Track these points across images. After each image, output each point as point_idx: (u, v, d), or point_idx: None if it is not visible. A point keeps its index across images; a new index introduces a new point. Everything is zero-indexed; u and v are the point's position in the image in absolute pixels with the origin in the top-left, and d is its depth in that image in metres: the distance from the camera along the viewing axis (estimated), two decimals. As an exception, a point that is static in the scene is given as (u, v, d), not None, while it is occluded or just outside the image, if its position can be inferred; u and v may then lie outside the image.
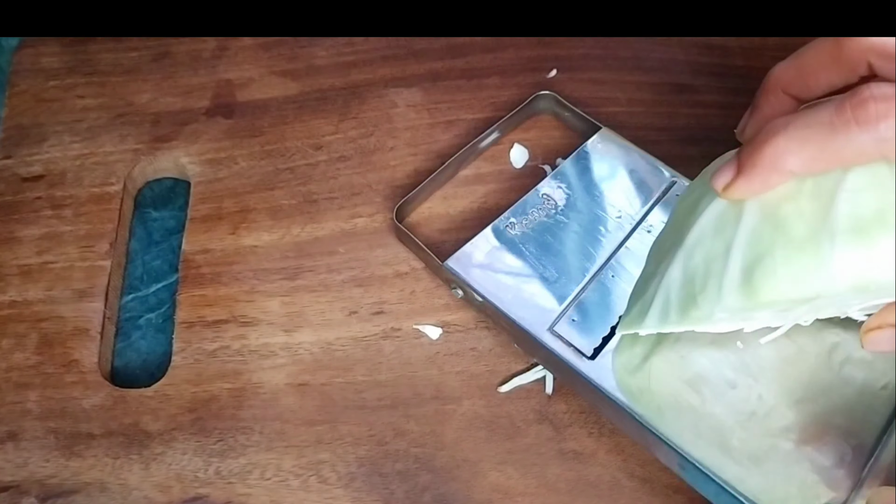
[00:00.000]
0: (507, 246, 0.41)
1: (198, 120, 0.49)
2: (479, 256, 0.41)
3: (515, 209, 0.43)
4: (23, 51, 0.52)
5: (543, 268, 0.41)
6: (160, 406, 0.40)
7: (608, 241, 0.41)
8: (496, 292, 0.40)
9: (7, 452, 0.39)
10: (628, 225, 0.42)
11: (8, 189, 0.47)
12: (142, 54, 0.52)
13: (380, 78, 0.51)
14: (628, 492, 0.38)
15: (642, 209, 0.42)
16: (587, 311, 0.39)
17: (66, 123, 0.49)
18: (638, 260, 0.39)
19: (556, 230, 0.42)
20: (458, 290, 0.41)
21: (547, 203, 0.43)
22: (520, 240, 0.42)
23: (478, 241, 0.41)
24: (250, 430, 0.39)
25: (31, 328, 0.42)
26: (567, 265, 0.41)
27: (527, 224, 0.42)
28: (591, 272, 0.40)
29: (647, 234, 0.41)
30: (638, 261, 0.39)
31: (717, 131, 0.48)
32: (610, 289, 0.39)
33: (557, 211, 0.43)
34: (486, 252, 0.41)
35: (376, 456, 0.39)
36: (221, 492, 0.38)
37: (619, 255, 0.41)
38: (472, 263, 0.41)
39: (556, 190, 0.43)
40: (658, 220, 0.42)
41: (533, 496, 0.38)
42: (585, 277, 0.40)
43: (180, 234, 0.45)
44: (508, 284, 0.40)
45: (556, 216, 0.42)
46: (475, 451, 0.39)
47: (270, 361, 0.41)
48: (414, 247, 0.43)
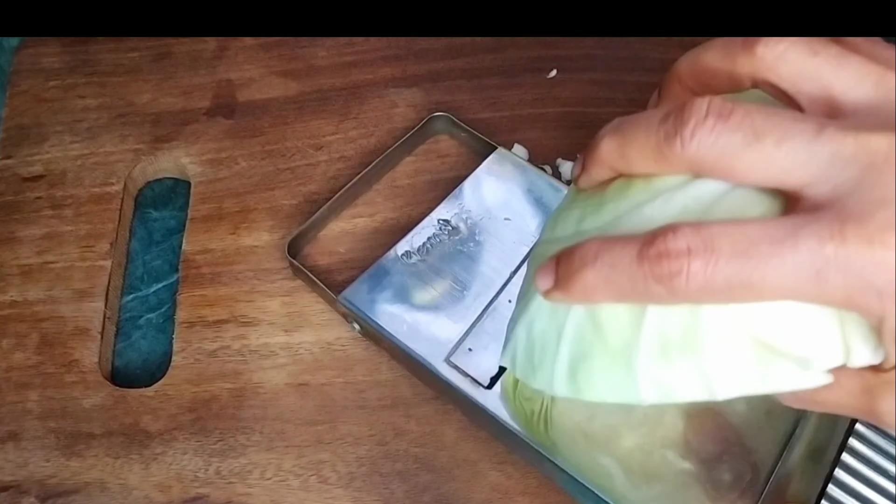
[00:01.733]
0: (404, 275, 0.40)
1: (198, 120, 0.49)
2: (374, 289, 0.39)
3: (412, 236, 0.41)
4: (23, 51, 0.52)
5: (441, 296, 0.39)
6: (160, 406, 0.40)
7: (505, 266, 0.40)
8: (392, 325, 0.38)
9: (7, 452, 0.39)
10: (525, 247, 0.40)
11: (8, 189, 0.47)
12: (142, 54, 0.52)
13: (380, 78, 0.51)
14: (628, 492, 0.38)
15: (539, 230, 0.41)
16: (484, 339, 0.38)
17: (67, 123, 0.49)
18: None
19: (454, 256, 0.41)
20: (355, 324, 0.40)
21: (443, 229, 0.41)
22: (416, 268, 0.40)
23: (373, 271, 0.40)
24: (250, 430, 0.39)
25: (31, 328, 0.42)
26: (465, 292, 0.39)
27: (424, 251, 0.41)
28: (488, 298, 0.39)
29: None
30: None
31: (718, 131, 0.48)
32: (507, 315, 0.38)
33: (454, 236, 0.41)
34: (381, 284, 0.40)
35: (376, 456, 0.39)
36: (221, 492, 0.38)
37: (516, 279, 0.39)
38: (367, 295, 0.39)
39: (453, 215, 0.42)
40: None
41: (533, 496, 0.38)
42: (483, 304, 0.39)
43: (181, 234, 0.46)
44: (404, 317, 0.39)
45: (454, 241, 0.41)
46: (475, 451, 0.39)
47: (271, 361, 0.41)
48: (307, 281, 0.42)
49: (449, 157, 0.47)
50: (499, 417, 0.36)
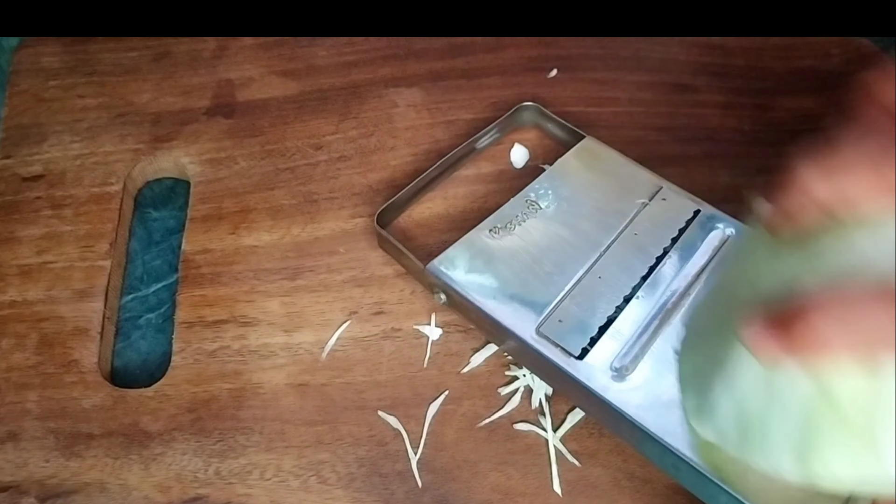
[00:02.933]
0: (493, 249, 0.41)
1: (198, 120, 0.49)
2: (463, 260, 0.40)
3: (501, 213, 0.42)
4: (23, 51, 0.52)
5: (528, 271, 0.40)
6: (160, 406, 0.40)
7: (594, 245, 0.41)
8: (480, 296, 0.39)
9: (7, 452, 0.39)
10: (613, 230, 0.41)
11: (8, 189, 0.47)
12: (142, 54, 0.52)
13: (380, 78, 0.50)
14: (628, 492, 0.38)
15: (628, 214, 0.42)
16: (574, 312, 0.38)
17: (66, 123, 0.49)
18: (623, 265, 0.40)
19: (542, 234, 0.42)
20: (441, 294, 0.40)
21: (532, 208, 0.43)
22: (505, 243, 0.41)
23: (462, 244, 0.41)
24: (250, 431, 0.39)
25: (31, 328, 0.42)
26: (552, 268, 0.40)
27: (512, 228, 0.42)
28: (577, 275, 0.40)
29: (634, 236, 0.41)
30: (623, 266, 0.39)
31: (717, 131, 0.49)
32: (597, 291, 0.39)
33: (543, 215, 0.42)
34: (470, 255, 0.41)
35: (376, 456, 0.39)
36: (221, 492, 0.38)
37: (604, 259, 0.40)
38: (455, 266, 0.40)
39: (542, 195, 0.43)
40: (643, 226, 0.41)
41: (533, 496, 0.38)
42: (571, 280, 0.40)
43: (180, 234, 0.45)
44: (493, 287, 0.39)
45: (542, 220, 0.42)
46: (475, 452, 0.39)
47: (270, 361, 0.41)
48: (394, 252, 0.43)
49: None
50: (590, 388, 0.36)
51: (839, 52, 0.51)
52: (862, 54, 0.50)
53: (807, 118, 0.48)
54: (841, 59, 0.50)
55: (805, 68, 0.50)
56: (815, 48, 0.51)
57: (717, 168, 0.47)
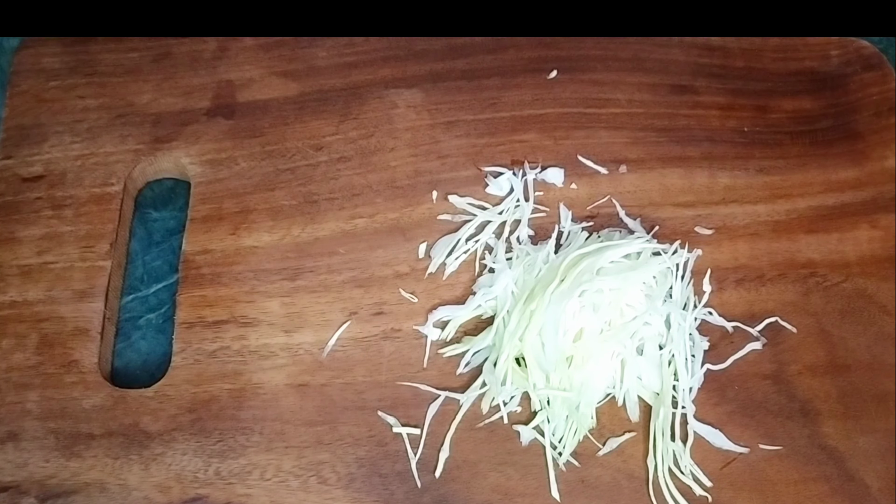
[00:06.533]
0: None
1: (198, 120, 0.49)
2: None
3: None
4: (23, 51, 0.52)
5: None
6: (160, 406, 0.40)
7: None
8: None
9: (7, 452, 0.39)
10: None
11: (8, 189, 0.47)
12: (142, 54, 0.52)
13: (380, 79, 0.50)
14: (628, 492, 0.38)
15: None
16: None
17: (67, 124, 0.49)
18: None
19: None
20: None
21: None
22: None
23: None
24: (250, 431, 0.39)
25: (31, 328, 0.42)
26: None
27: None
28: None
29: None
30: None
31: (717, 132, 0.48)
32: None
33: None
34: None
35: (376, 457, 0.39)
36: (221, 492, 0.38)
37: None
38: None
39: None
40: None
41: (533, 497, 0.38)
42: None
43: (181, 234, 0.45)
44: None
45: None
46: (475, 452, 0.39)
47: (270, 362, 0.41)
48: None
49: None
50: None
51: (838, 53, 0.51)
52: (861, 55, 0.50)
53: (806, 119, 0.48)
54: (840, 60, 0.50)
55: (804, 69, 0.50)
56: (814, 49, 0.51)
57: (716, 169, 0.47)
